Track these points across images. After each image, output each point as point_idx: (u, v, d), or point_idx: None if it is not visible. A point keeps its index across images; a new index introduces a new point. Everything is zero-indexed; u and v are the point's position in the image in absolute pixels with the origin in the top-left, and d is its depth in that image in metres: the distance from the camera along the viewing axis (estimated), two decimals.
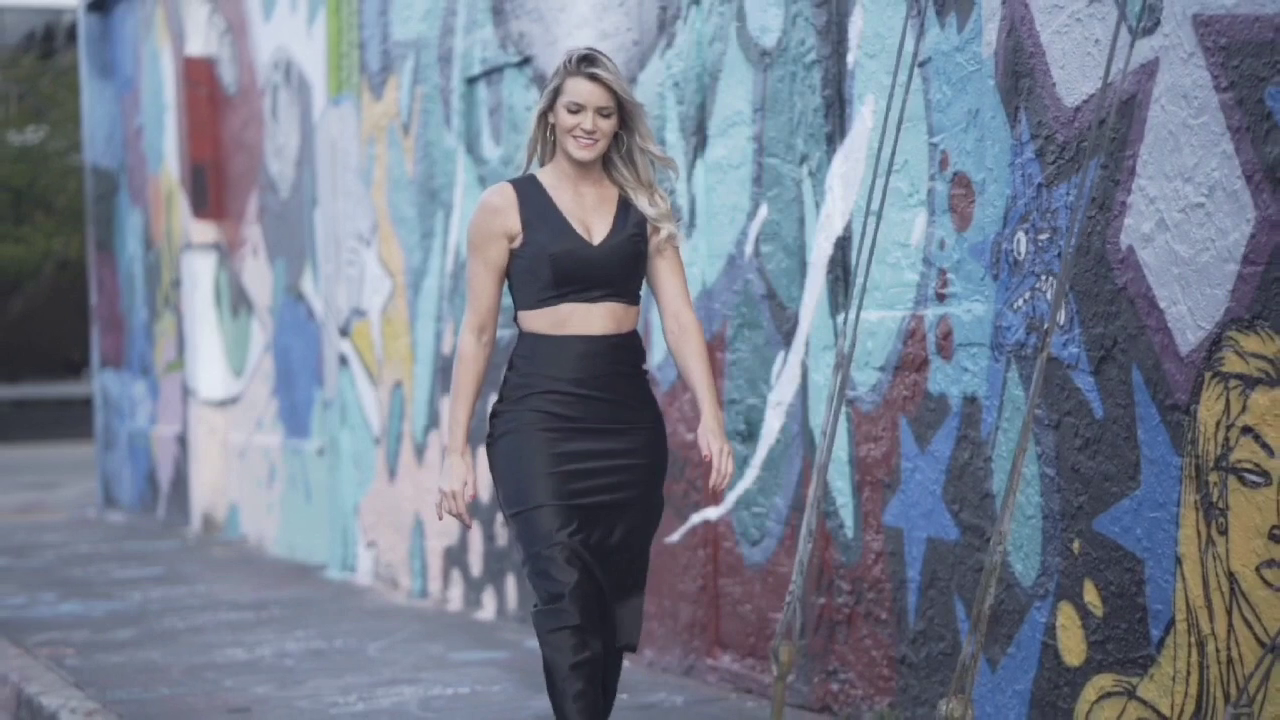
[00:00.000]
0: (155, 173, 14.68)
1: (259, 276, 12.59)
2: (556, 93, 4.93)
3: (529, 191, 4.97)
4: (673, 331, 5.07)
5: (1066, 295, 5.27)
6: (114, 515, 15.56)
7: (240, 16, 12.87)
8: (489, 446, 5.05)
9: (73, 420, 30.09)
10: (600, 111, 4.90)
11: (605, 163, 5.03)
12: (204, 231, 13.52)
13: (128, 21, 15.50)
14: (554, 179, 5.00)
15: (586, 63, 4.91)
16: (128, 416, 15.72)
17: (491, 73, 8.89)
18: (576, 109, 4.90)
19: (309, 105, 11.44)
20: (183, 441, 13.93)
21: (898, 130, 5.82)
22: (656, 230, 5.01)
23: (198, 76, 13.55)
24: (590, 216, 4.98)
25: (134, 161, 15.41)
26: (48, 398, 33.76)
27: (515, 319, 5.04)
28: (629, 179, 5.01)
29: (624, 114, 4.96)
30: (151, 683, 7.58)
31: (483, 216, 4.98)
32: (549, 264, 4.91)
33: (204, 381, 13.52)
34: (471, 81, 9.10)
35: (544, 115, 4.98)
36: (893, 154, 5.81)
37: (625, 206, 5.01)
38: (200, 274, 13.58)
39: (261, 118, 12.45)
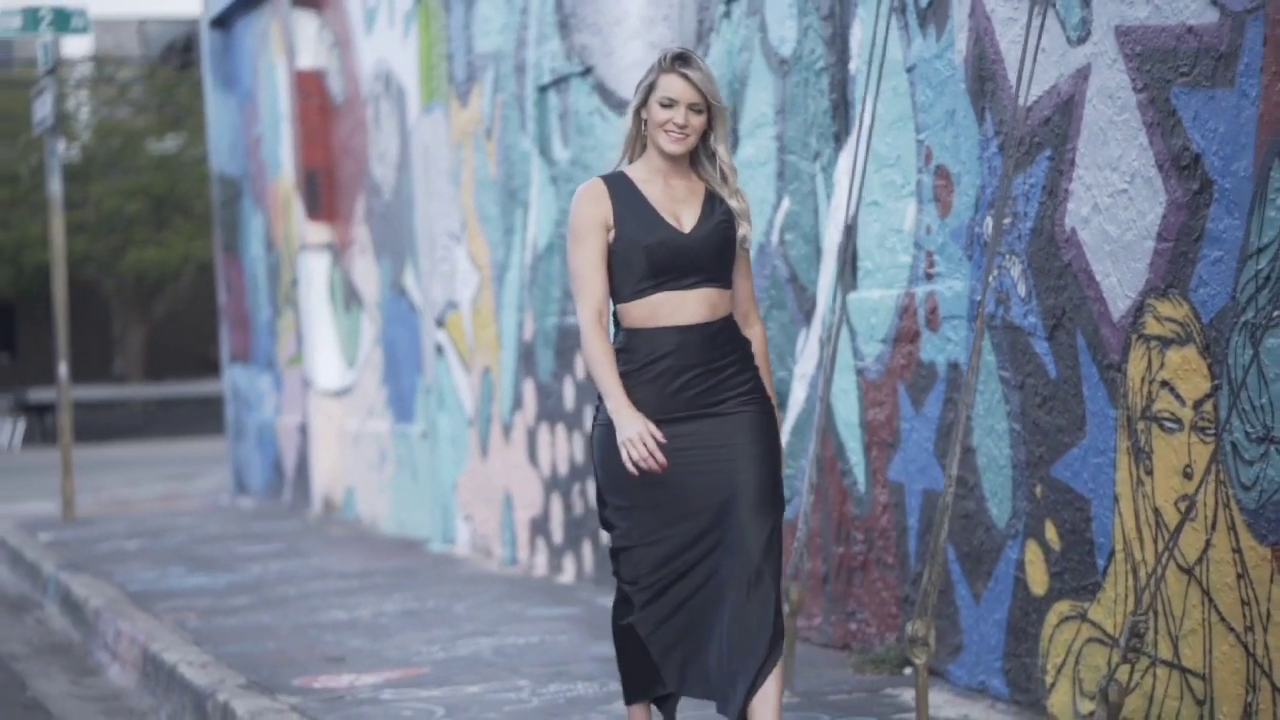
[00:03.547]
0: (274, 179, 15.64)
1: (367, 274, 13.51)
2: (651, 89, 5.08)
3: (619, 186, 5.13)
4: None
5: (1025, 270, 6.02)
6: (244, 501, 16.57)
7: (345, 31, 13.79)
8: (592, 430, 5.24)
9: (213, 416, 31.31)
10: (692, 108, 5.05)
11: (692, 159, 5.17)
12: (318, 233, 14.47)
13: (247, 37, 16.47)
14: (644, 173, 5.14)
15: (680, 61, 5.06)
16: (255, 408, 16.71)
17: (559, 81, 9.73)
18: (669, 104, 5.05)
19: (405, 113, 12.34)
20: (304, 430, 14.89)
21: (871, 131, 6.59)
22: (736, 227, 5.17)
23: (309, 88, 14.49)
24: (679, 207, 5.11)
25: (255, 169, 16.39)
26: (190, 396, 35.05)
27: (614, 313, 5.18)
28: (714, 175, 5.15)
29: (710, 114, 5.12)
30: (260, 639, 8.49)
31: (581, 208, 5.12)
32: (644, 255, 5.05)
33: (321, 373, 14.49)
34: (543, 90, 9.94)
35: (638, 111, 5.15)
36: (867, 152, 6.58)
37: (712, 197, 5.15)
38: (315, 273, 14.54)
39: (366, 126, 13.36)
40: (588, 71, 9.39)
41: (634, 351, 5.08)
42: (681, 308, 5.07)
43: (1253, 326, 5.05)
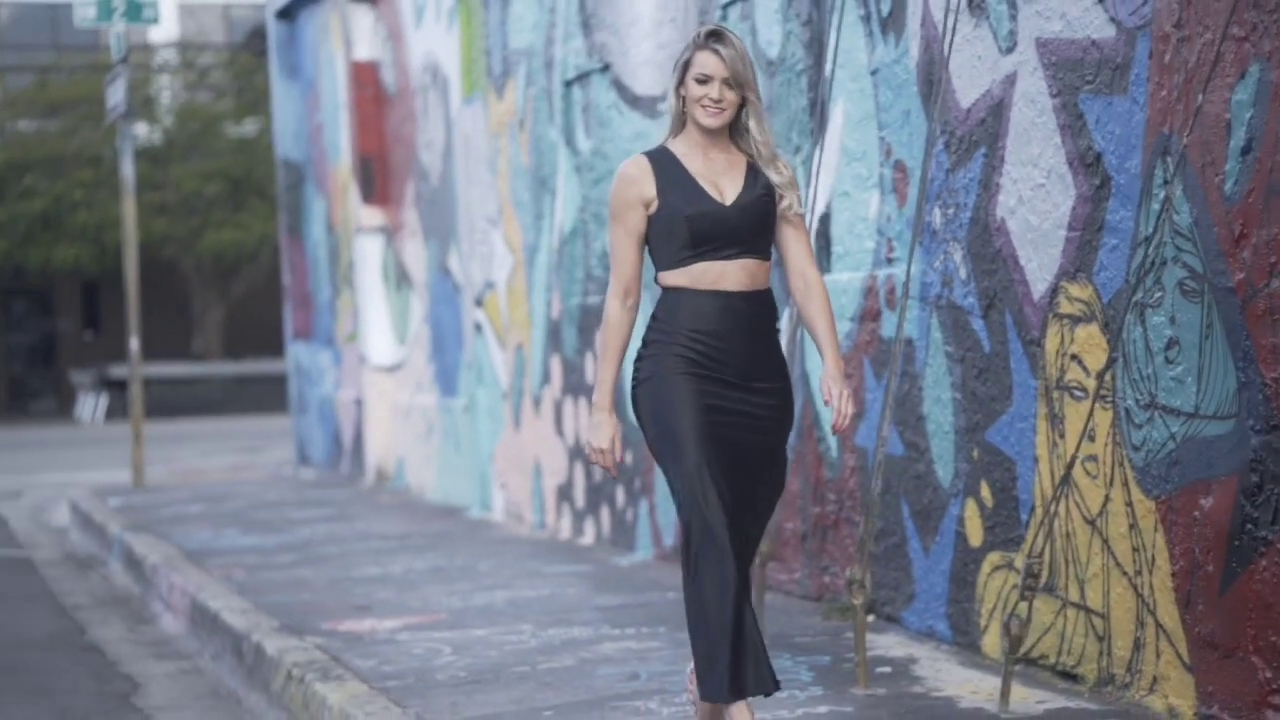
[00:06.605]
0: (334, 164, 16.43)
1: (416, 255, 14.30)
2: (687, 65, 5.22)
3: (662, 160, 5.26)
4: (799, 289, 5.35)
5: (965, 256, 6.71)
6: (306, 472, 17.40)
7: (398, 24, 14.56)
8: (633, 390, 5.33)
9: (287, 392, 32.24)
10: (727, 82, 5.18)
11: (732, 132, 5.29)
12: (372, 216, 15.27)
13: (309, 28, 17.25)
14: (685, 147, 5.27)
15: (714, 38, 5.21)
16: (317, 384, 17.53)
17: (582, 77, 10.45)
18: (704, 80, 5.19)
19: (449, 104, 13.10)
20: (360, 404, 15.70)
21: (824, 128, 7.27)
22: (781, 198, 5.29)
23: (364, 78, 15.27)
24: (721, 179, 5.23)
25: (317, 155, 17.18)
26: (266, 373, 35.97)
27: (656, 279, 5.32)
28: (758, 144, 5.28)
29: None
30: (298, 591, 9.27)
31: (621, 186, 5.26)
32: (685, 225, 5.18)
33: (374, 350, 15.30)
34: (568, 84, 10.67)
35: (677, 89, 5.27)
36: (822, 148, 7.27)
37: (754, 169, 5.27)
38: (369, 254, 15.34)
39: (415, 115, 14.13)
40: (606, 68, 10.10)
41: (677, 311, 5.22)
42: (724, 276, 5.20)
43: (1141, 305, 5.72)
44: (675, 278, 5.24)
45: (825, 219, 7.78)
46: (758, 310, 5.26)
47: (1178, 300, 5.54)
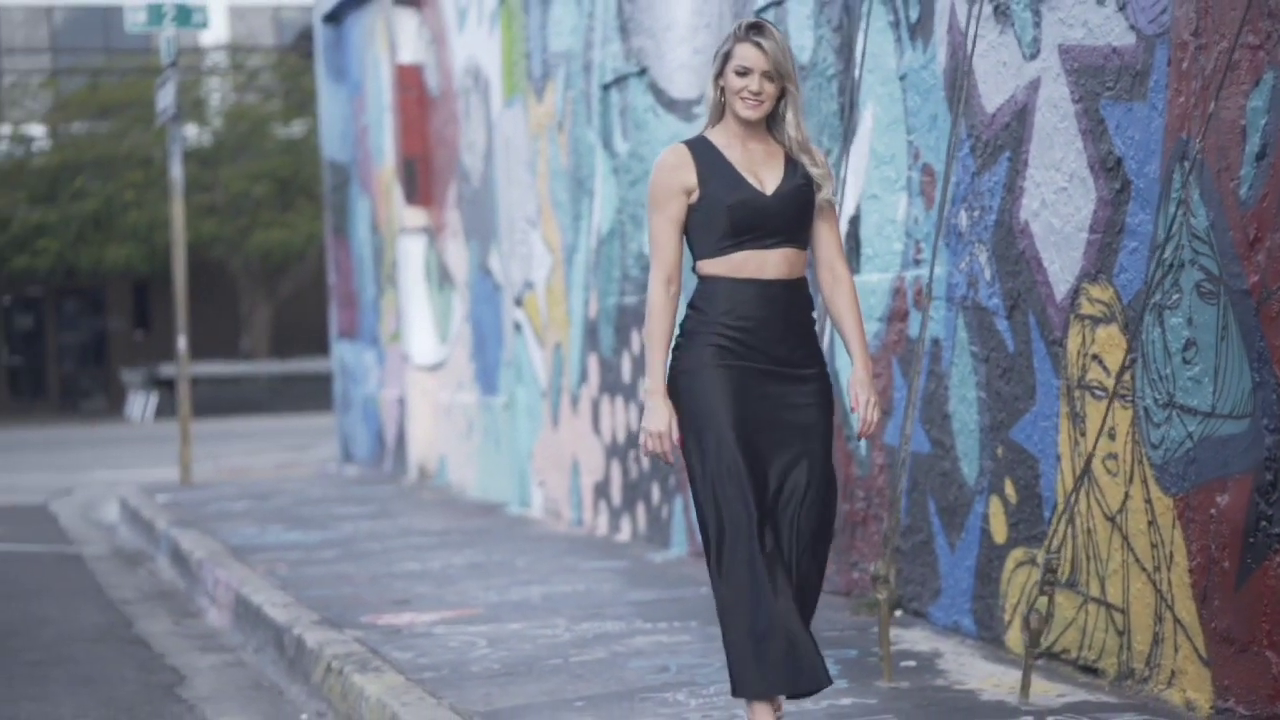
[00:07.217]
0: (379, 166, 16.62)
1: (458, 256, 14.47)
2: (727, 58, 5.24)
3: (702, 150, 5.27)
4: (827, 282, 5.41)
5: (990, 257, 6.83)
6: (350, 469, 17.60)
7: (441, 28, 14.74)
8: (670, 381, 5.31)
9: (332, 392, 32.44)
10: (766, 75, 5.20)
11: (769, 122, 5.32)
12: (415, 217, 15.46)
13: (355, 31, 17.44)
14: (724, 138, 5.29)
15: (754, 30, 5.23)
16: (361, 382, 17.72)
17: (619, 80, 10.60)
18: (744, 72, 5.21)
19: (490, 106, 13.27)
20: (402, 403, 15.88)
21: (848, 132, 7.40)
22: (819, 188, 5.32)
23: (408, 81, 15.46)
24: (760, 169, 5.26)
25: (362, 156, 17.37)
26: (313, 372, 36.22)
27: (694, 269, 5.32)
28: (792, 139, 5.32)
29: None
30: (339, 585, 9.44)
31: (662, 175, 5.28)
32: (726, 214, 5.20)
33: (417, 349, 15.48)
34: (606, 88, 10.82)
35: (716, 79, 5.31)
36: (845, 152, 7.39)
37: (792, 160, 5.30)
38: (412, 254, 15.53)
39: (457, 117, 14.31)
40: (643, 72, 10.25)
41: (715, 299, 5.24)
42: (764, 265, 5.22)
43: (1160, 307, 5.84)
44: (714, 266, 5.26)
45: (854, 221, 7.91)
46: (794, 298, 5.29)
47: (1195, 302, 5.66)
